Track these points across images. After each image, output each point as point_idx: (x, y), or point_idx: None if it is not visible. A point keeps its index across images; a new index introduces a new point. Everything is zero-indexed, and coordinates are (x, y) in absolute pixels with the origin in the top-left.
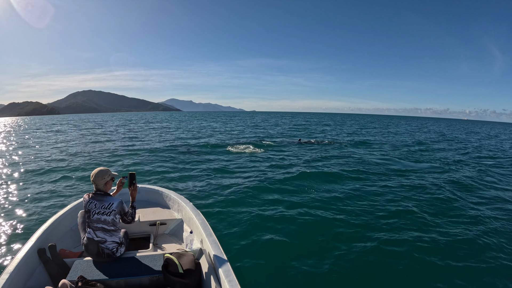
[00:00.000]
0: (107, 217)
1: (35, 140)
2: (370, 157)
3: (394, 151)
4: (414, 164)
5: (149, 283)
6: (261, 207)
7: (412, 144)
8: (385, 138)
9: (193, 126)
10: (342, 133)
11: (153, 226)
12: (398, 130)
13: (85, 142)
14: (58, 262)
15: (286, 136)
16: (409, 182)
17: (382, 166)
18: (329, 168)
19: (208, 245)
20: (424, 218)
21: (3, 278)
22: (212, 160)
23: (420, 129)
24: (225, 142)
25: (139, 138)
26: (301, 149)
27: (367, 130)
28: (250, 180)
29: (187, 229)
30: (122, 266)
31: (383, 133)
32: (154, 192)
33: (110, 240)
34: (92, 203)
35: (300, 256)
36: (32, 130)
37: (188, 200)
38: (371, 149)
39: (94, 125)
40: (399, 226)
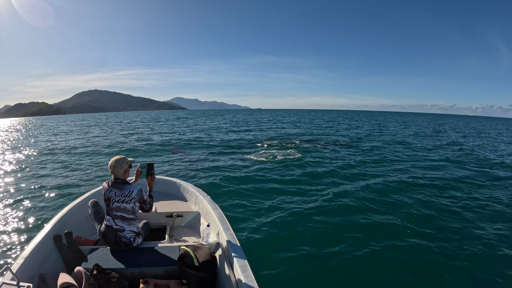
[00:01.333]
0: (127, 205)
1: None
2: (431, 163)
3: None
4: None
5: (164, 274)
6: (284, 207)
7: (469, 145)
8: (428, 139)
9: (215, 124)
10: (383, 134)
11: (170, 218)
12: (435, 128)
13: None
14: (73, 249)
15: (319, 136)
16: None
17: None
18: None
19: (225, 239)
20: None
21: (18, 263)
22: (243, 161)
23: (456, 127)
24: (258, 141)
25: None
26: (337, 151)
27: (398, 128)
28: (277, 181)
29: (203, 222)
30: (137, 256)
31: (421, 132)
32: (172, 184)
33: (129, 229)
34: (112, 191)
35: (320, 258)
36: (54, 126)
37: (206, 193)
38: (427, 152)
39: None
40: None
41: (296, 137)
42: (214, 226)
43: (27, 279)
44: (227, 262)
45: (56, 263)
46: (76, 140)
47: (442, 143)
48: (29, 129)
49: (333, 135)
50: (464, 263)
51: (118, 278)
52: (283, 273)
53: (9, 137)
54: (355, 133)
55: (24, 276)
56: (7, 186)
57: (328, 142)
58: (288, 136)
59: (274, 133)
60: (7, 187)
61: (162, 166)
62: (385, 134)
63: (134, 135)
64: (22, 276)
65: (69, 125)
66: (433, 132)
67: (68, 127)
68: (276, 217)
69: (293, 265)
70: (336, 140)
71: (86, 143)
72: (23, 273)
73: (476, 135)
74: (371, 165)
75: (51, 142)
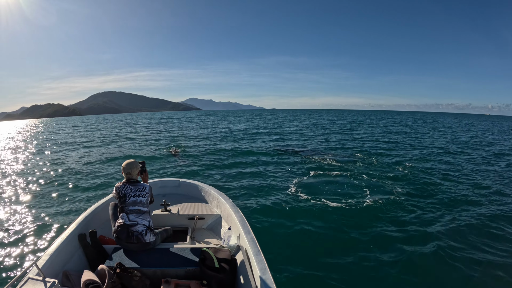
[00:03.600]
0: (143, 198)
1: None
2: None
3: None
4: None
5: (185, 274)
6: (308, 215)
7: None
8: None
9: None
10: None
11: (192, 220)
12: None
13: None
14: (97, 247)
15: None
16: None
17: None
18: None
19: (246, 242)
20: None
21: (43, 259)
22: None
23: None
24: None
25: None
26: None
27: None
28: (303, 190)
29: (225, 225)
30: (159, 256)
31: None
32: (194, 187)
33: (141, 223)
34: (127, 188)
35: (341, 270)
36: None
37: (227, 197)
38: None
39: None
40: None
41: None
42: (235, 229)
43: (52, 275)
44: (247, 264)
45: (80, 261)
46: (110, 140)
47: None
48: (60, 130)
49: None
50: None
51: (140, 277)
52: (302, 278)
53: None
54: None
55: (49, 272)
56: (36, 185)
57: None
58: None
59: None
60: (35, 187)
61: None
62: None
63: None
64: (47, 272)
65: (99, 125)
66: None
67: (101, 127)
68: (302, 228)
69: (313, 272)
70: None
71: (120, 144)
72: (48, 269)
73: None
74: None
75: (81, 142)
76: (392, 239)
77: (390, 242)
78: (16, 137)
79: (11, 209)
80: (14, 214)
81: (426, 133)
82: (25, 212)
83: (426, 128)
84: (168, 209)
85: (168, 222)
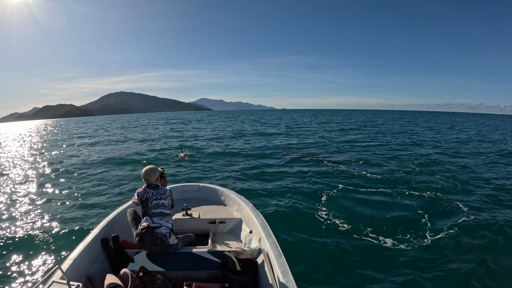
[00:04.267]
0: (165, 201)
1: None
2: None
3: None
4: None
5: (207, 278)
6: (332, 219)
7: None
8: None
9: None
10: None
11: (213, 224)
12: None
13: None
14: (119, 252)
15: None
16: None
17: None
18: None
19: (267, 245)
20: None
21: (67, 263)
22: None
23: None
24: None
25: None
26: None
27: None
28: (326, 194)
29: (246, 228)
30: (181, 260)
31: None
32: (215, 191)
33: (165, 226)
34: (148, 192)
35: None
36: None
37: (248, 201)
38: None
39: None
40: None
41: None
42: (256, 233)
43: (75, 279)
44: (268, 268)
45: (103, 265)
46: (121, 142)
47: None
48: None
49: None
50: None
51: (163, 281)
52: (325, 282)
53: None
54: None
55: (73, 275)
56: (58, 190)
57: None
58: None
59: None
60: (58, 191)
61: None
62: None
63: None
64: (71, 276)
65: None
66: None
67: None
68: (324, 233)
69: (336, 276)
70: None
71: (147, 147)
72: (72, 273)
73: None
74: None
75: (104, 144)
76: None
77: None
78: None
79: (35, 213)
80: (38, 219)
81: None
82: (48, 217)
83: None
84: (189, 213)
85: (189, 226)
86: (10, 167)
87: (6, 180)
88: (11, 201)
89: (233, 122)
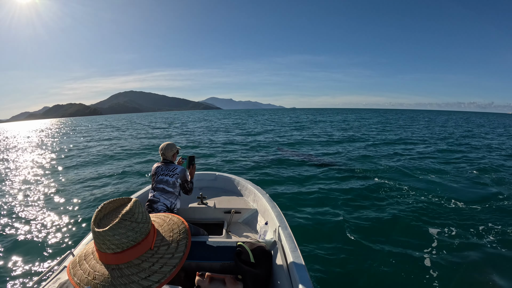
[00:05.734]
0: (170, 178)
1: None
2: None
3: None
4: None
5: (220, 268)
6: (351, 216)
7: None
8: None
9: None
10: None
11: (228, 214)
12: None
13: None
14: None
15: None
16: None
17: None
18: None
19: (283, 238)
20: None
21: (79, 249)
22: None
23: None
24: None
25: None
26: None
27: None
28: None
29: (261, 220)
30: (194, 249)
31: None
32: (231, 181)
33: (162, 202)
34: (160, 167)
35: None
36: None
37: (264, 192)
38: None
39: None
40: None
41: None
42: (271, 224)
43: None
44: (283, 260)
45: None
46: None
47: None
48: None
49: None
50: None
51: None
52: (339, 277)
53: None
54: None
55: None
56: (71, 178)
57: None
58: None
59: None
60: (70, 179)
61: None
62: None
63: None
64: None
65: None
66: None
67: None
68: (342, 228)
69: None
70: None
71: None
72: None
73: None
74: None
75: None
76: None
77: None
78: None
79: (47, 199)
80: (50, 205)
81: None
82: (61, 203)
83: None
84: (205, 202)
85: (204, 215)
86: (27, 158)
87: (25, 168)
88: (28, 188)
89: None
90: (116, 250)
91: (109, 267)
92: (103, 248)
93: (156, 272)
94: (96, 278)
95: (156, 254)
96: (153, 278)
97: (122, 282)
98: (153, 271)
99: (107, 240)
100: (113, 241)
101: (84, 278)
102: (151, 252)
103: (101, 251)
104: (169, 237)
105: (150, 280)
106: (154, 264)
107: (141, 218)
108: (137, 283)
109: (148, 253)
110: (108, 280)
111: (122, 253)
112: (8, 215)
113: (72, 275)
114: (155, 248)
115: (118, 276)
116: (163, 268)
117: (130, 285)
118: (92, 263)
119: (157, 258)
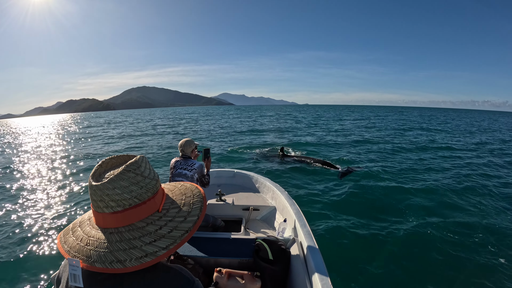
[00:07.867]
0: (188, 172)
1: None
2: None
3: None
4: None
5: (238, 265)
6: (372, 217)
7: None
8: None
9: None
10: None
11: (246, 211)
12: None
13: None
14: None
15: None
16: None
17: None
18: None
19: (302, 235)
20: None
21: None
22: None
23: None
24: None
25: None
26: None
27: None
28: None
29: (279, 217)
30: (213, 245)
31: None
32: (250, 178)
33: None
34: (178, 162)
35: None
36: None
37: (283, 189)
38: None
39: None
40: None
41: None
42: (290, 222)
43: None
44: (301, 258)
45: None
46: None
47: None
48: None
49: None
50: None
51: (194, 265)
52: (359, 276)
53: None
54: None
55: None
56: (83, 171)
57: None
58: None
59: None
60: (83, 173)
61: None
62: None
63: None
64: None
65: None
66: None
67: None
68: (360, 229)
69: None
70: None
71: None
72: None
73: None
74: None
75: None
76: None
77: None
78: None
79: (64, 193)
80: (63, 199)
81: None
82: (73, 197)
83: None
84: (223, 199)
85: (222, 212)
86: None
87: (39, 163)
88: (44, 182)
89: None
90: (116, 209)
91: (106, 231)
92: (101, 207)
93: (163, 237)
94: (90, 244)
95: (164, 217)
96: (159, 244)
97: (121, 248)
98: (160, 235)
99: (105, 195)
100: (112, 195)
101: (75, 245)
102: (159, 215)
103: (98, 212)
104: (181, 200)
105: (156, 245)
106: (161, 228)
107: (148, 173)
108: (139, 249)
109: (154, 215)
110: (104, 245)
111: (123, 213)
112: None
113: (62, 242)
114: (164, 211)
115: (117, 240)
116: (173, 232)
117: (130, 251)
118: (87, 229)
119: (166, 221)
